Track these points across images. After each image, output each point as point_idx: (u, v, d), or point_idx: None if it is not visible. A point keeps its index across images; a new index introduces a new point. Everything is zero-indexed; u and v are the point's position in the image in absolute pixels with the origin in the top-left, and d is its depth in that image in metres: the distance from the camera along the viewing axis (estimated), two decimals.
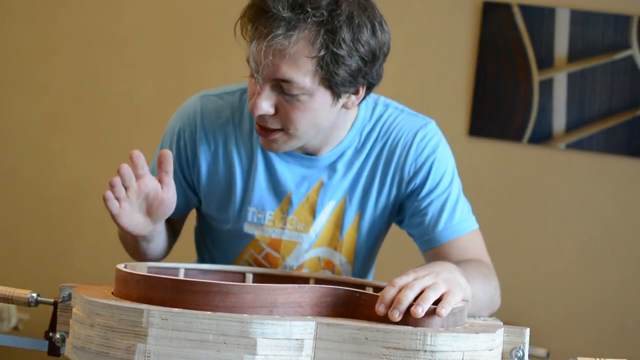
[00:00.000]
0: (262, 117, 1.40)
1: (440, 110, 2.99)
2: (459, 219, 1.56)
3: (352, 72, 1.36)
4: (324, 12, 1.32)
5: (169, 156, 1.35)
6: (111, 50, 3.26)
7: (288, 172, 1.55)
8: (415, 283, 1.17)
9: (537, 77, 2.95)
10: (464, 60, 3.00)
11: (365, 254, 1.62)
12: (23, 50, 3.32)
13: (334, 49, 1.33)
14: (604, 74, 2.91)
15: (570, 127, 2.94)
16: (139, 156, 1.31)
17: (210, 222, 1.65)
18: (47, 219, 3.32)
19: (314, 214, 1.56)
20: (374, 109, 1.58)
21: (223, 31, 3.21)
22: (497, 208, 2.99)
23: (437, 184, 1.55)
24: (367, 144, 1.56)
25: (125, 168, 1.30)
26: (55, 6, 3.29)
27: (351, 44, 1.34)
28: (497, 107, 2.98)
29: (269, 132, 1.42)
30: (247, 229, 1.58)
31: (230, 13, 3.54)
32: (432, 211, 1.55)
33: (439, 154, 1.56)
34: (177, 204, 1.59)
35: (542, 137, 2.96)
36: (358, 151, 1.56)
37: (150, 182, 1.34)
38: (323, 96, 1.39)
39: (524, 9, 2.94)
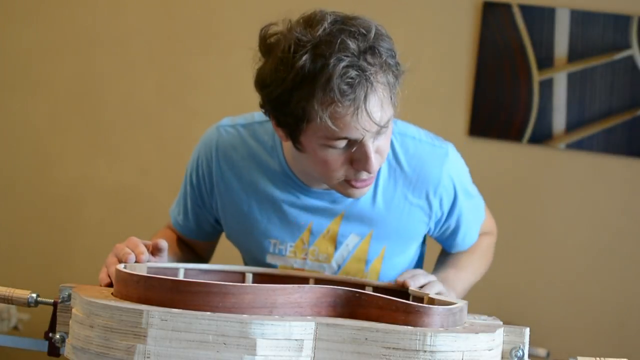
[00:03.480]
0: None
1: (440, 110, 2.99)
2: (475, 230, 1.67)
3: (398, 86, 1.37)
4: (374, 41, 1.31)
5: (165, 249, 1.40)
6: (111, 50, 3.26)
7: (310, 204, 1.53)
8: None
9: (537, 77, 2.95)
10: (464, 60, 3.00)
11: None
12: (23, 50, 3.32)
13: (394, 67, 1.34)
14: (604, 74, 2.91)
15: (570, 127, 2.94)
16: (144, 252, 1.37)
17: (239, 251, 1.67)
18: (47, 219, 3.32)
19: (335, 245, 1.56)
20: (391, 140, 1.53)
21: (223, 31, 3.23)
22: (497, 208, 2.97)
23: (462, 209, 1.59)
24: (390, 179, 1.54)
25: (130, 259, 1.35)
26: (55, 6, 3.29)
27: (392, 49, 1.34)
28: (497, 107, 2.98)
29: (366, 182, 1.41)
30: (269, 259, 1.58)
31: (230, 13, 3.55)
32: (458, 231, 1.62)
33: (463, 181, 1.60)
34: (204, 230, 1.68)
35: (542, 137, 2.96)
36: (383, 186, 1.54)
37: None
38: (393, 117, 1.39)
39: (524, 9, 2.94)
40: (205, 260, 1.76)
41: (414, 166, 1.54)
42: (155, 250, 1.40)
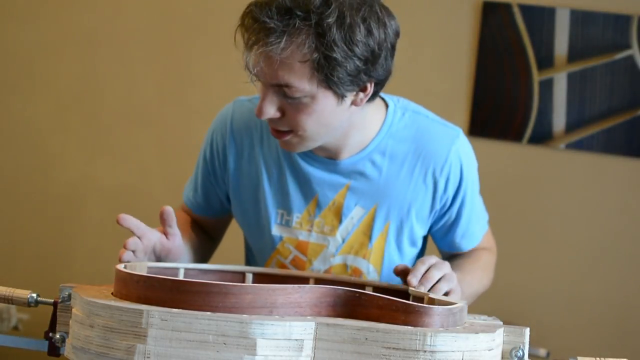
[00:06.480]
0: (271, 120, 1.42)
1: (440, 109, 2.98)
2: (476, 231, 1.65)
3: (351, 72, 1.35)
4: (313, 15, 1.31)
5: (170, 213, 1.41)
6: (111, 50, 3.26)
7: (314, 175, 1.55)
8: (440, 266, 1.36)
9: (537, 77, 2.95)
10: (464, 60, 3.00)
11: (394, 264, 1.60)
12: (23, 50, 3.32)
13: (326, 52, 1.32)
14: (604, 74, 2.91)
15: (570, 127, 2.94)
16: (138, 227, 1.38)
17: (242, 228, 1.67)
18: (47, 219, 3.32)
19: (340, 217, 1.57)
20: (403, 115, 1.57)
21: (223, 31, 3.22)
22: (497, 208, 2.98)
23: (465, 197, 1.60)
24: (399, 152, 1.55)
25: (131, 243, 1.37)
26: (56, 6, 3.29)
27: (344, 45, 1.33)
28: (497, 107, 2.98)
29: (281, 134, 1.44)
30: (275, 231, 1.59)
31: (230, 13, 3.54)
32: (459, 222, 1.61)
33: (471, 168, 1.60)
34: (212, 207, 1.69)
35: (542, 137, 2.96)
36: (390, 159, 1.54)
37: (152, 235, 1.40)
38: (326, 97, 1.38)
39: (524, 9, 2.94)
40: (216, 240, 1.76)
41: (424, 142, 1.55)
42: (162, 221, 1.42)
